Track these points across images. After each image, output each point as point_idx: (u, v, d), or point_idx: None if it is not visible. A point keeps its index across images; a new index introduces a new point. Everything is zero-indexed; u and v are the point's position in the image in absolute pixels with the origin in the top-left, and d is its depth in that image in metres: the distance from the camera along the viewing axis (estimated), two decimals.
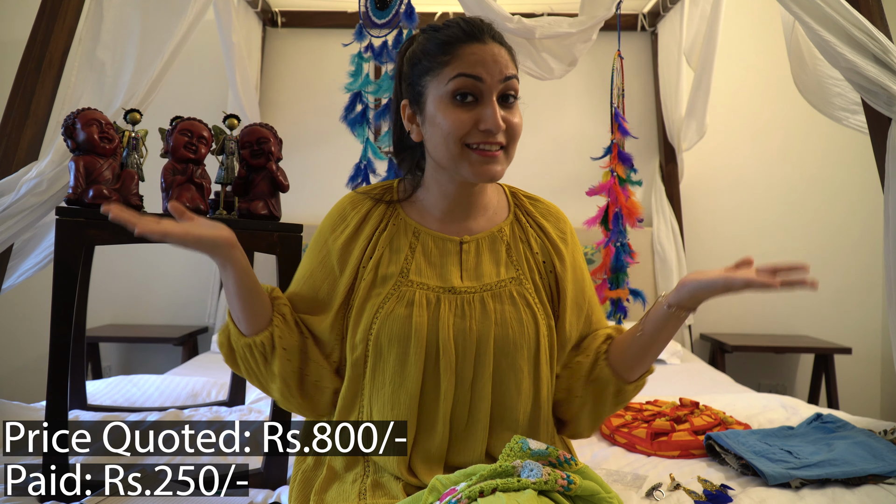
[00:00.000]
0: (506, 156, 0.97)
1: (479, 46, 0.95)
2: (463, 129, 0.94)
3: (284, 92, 3.52)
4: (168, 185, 1.40)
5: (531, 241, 1.06)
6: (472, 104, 0.94)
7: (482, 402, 0.97)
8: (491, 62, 0.94)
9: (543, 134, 3.46)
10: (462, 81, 0.94)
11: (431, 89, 0.96)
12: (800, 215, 3.45)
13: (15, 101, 1.57)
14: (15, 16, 3.21)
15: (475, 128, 0.94)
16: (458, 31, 0.96)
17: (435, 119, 0.96)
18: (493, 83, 0.94)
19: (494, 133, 0.94)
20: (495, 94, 0.95)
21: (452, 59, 0.94)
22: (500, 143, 0.95)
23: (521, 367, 0.98)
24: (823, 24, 1.50)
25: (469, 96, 0.94)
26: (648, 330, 1.00)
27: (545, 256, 1.06)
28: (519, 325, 0.98)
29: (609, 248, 2.73)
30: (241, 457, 1.52)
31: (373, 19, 2.17)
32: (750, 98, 3.46)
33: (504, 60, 0.96)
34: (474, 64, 0.93)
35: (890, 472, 1.35)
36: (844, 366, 3.28)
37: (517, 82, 0.97)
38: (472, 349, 0.96)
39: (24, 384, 3.23)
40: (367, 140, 2.29)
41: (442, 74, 0.95)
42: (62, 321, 1.25)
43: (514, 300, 1.00)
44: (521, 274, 1.03)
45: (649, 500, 1.29)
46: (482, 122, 0.93)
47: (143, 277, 3.41)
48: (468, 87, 0.94)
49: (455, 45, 0.95)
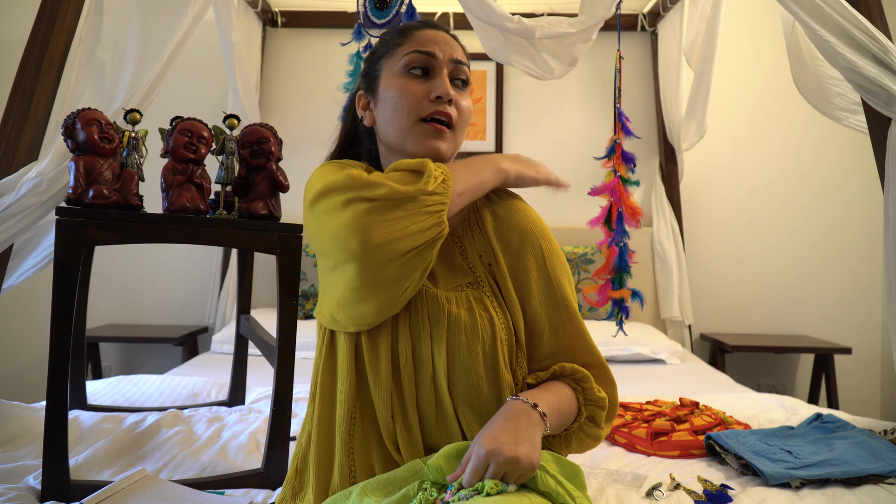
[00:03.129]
0: (453, 136, 0.99)
1: (433, 31, 1.02)
2: (414, 97, 0.97)
3: (284, 92, 3.52)
4: (168, 185, 1.40)
5: (476, 241, 1.03)
6: (423, 77, 0.99)
7: (445, 401, 0.95)
8: (443, 42, 1.00)
9: (543, 134, 3.47)
10: (414, 56, 0.99)
11: (385, 69, 1.02)
12: (800, 215, 3.45)
13: (15, 101, 1.57)
14: (15, 16, 3.22)
15: (426, 98, 0.97)
16: (416, 23, 1.03)
17: (387, 95, 1.00)
18: (444, 60, 0.99)
19: (444, 100, 0.97)
20: (446, 70, 0.99)
21: (407, 40, 1.01)
22: (449, 114, 0.98)
23: (477, 373, 0.94)
24: (823, 24, 1.50)
25: (420, 69, 0.99)
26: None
27: (489, 259, 1.02)
28: (472, 331, 0.95)
29: (612, 248, 2.73)
30: (241, 457, 1.52)
31: (372, 19, 2.17)
32: (750, 98, 3.46)
33: (456, 46, 1.02)
34: (427, 42, 0.99)
35: (890, 472, 1.36)
36: (844, 366, 3.29)
37: (468, 70, 1.03)
38: (427, 354, 0.95)
39: (24, 384, 3.23)
40: None
41: (396, 53, 1.01)
42: (62, 321, 1.25)
43: (471, 305, 0.97)
44: (478, 277, 1.01)
45: (649, 500, 1.29)
46: (433, 90, 0.97)
47: (143, 277, 3.41)
48: (420, 62, 0.99)
49: (410, 30, 1.02)
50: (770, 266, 3.45)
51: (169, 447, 1.54)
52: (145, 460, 1.49)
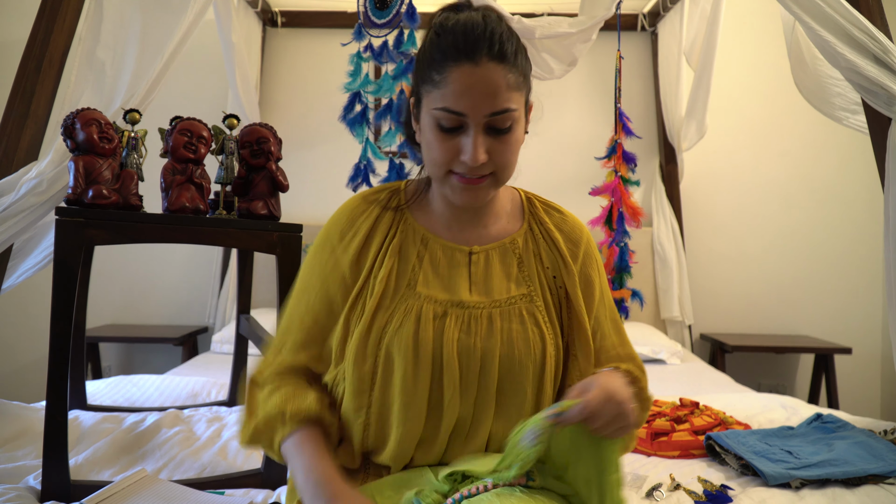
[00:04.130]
0: (493, 182, 0.94)
1: (470, 69, 0.87)
2: (443, 157, 0.91)
3: (284, 92, 3.52)
4: (168, 185, 1.40)
5: (542, 254, 1.03)
6: (455, 132, 0.90)
7: (485, 419, 0.96)
8: (478, 94, 0.88)
9: (543, 134, 3.46)
10: (445, 115, 0.89)
11: (425, 103, 0.93)
12: (800, 215, 3.45)
13: (15, 101, 1.57)
14: (15, 16, 3.22)
15: (456, 157, 0.91)
16: (455, 40, 0.89)
17: (424, 136, 0.94)
18: (477, 117, 0.88)
19: (471, 167, 0.90)
20: (480, 127, 0.89)
21: (442, 83, 0.89)
22: (481, 175, 0.92)
23: (524, 387, 0.95)
24: (823, 24, 1.50)
25: (450, 126, 0.90)
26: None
27: (555, 271, 1.02)
28: (525, 345, 0.95)
29: (613, 248, 2.73)
30: (241, 457, 1.52)
31: (372, 19, 2.17)
32: (750, 98, 3.46)
33: (496, 88, 0.88)
34: (460, 95, 0.88)
35: (890, 472, 1.35)
36: (844, 366, 3.28)
37: (512, 113, 0.90)
38: (476, 367, 0.94)
39: (24, 384, 3.23)
40: (366, 140, 2.29)
41: (432, 96, 0.91)
42: (62, 321, 1.25)
43: (524, 319, 0.97)
44: (532, 291, 1.00)
45: (649, 500, 1.29)
46: (463, 153, 0.90)
47: (143, 277, 3.41)
48: (451, 122, 0.90)
49: (447, 65, 0.89)
50: (770, 266, 3.45)
51: (169, 447, 1.54)
52: (145, 460, 1.48)
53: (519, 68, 0.92)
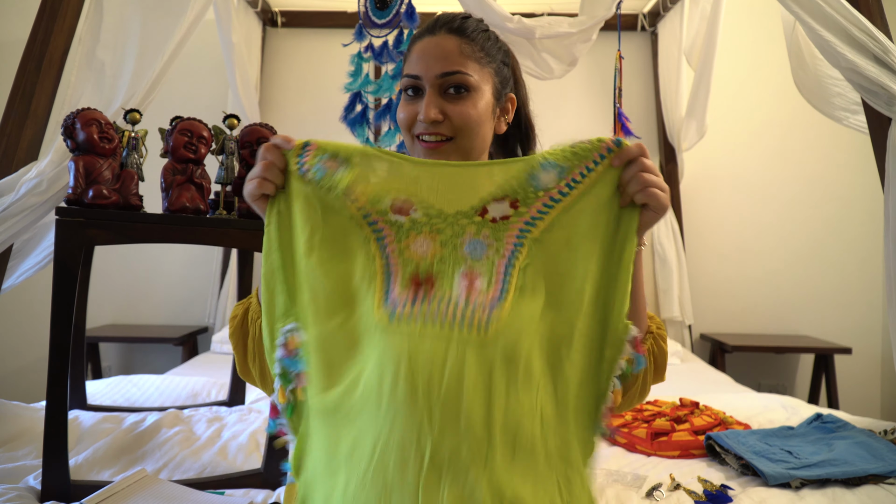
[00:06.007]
0: (455, 148, 0.98)
1: (427, 39, 0.98)
2: (406, 120, 0.99)
3: (284, 92, 3.52)
4: (168, 185, 1.40)
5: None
6: (416, 97, 0.99)
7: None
8: (431, 57, 0.96)
9: (543, 134, 3.44)
10: (405, 81, 0.99)
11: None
12: (800, 215, 3.45)
13: (15, 101, 1.57)
14: (15, 16, 3.21)
15: (417, 119, 0.98)
16: (418, 32, 1.01)
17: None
18: (430, 78, 0.96)
19: (425, 123, 0.96)
20: (435, 88, 0.96)
21: (408, 56, 1.00)
22: (442, 133, 0.97)
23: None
24: (824, 24, 1.50)
25: (412, 90, 0.99)
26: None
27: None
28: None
29: None
30: (241, 457, 1.52)
31: (373, 19, 2.17)
32: (750, 98, 3.46)
33: (449, 52, 0.96)
34: (416, 61, 0.98)
35: (890, 472, 1.36)
36: (844, 366, 3.28)
37: (463, 76, 0.96)
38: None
39: (24, 384, 3.23)
40: (367, 140, 2.29)
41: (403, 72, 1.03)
42: (62, 321, 1.25)
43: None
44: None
45: (649, 500, 1.29)
46: (420, 112, 0.97)
47: (143, 277, 3.41)
48: (410, 84, 0.98)
49: (413, 42, 1.00)
50: (770, 266, 3.45)
51: (169, 447, 1.54)
52: (145, 460, 1.48)
53: (479, 45, 0.99)
